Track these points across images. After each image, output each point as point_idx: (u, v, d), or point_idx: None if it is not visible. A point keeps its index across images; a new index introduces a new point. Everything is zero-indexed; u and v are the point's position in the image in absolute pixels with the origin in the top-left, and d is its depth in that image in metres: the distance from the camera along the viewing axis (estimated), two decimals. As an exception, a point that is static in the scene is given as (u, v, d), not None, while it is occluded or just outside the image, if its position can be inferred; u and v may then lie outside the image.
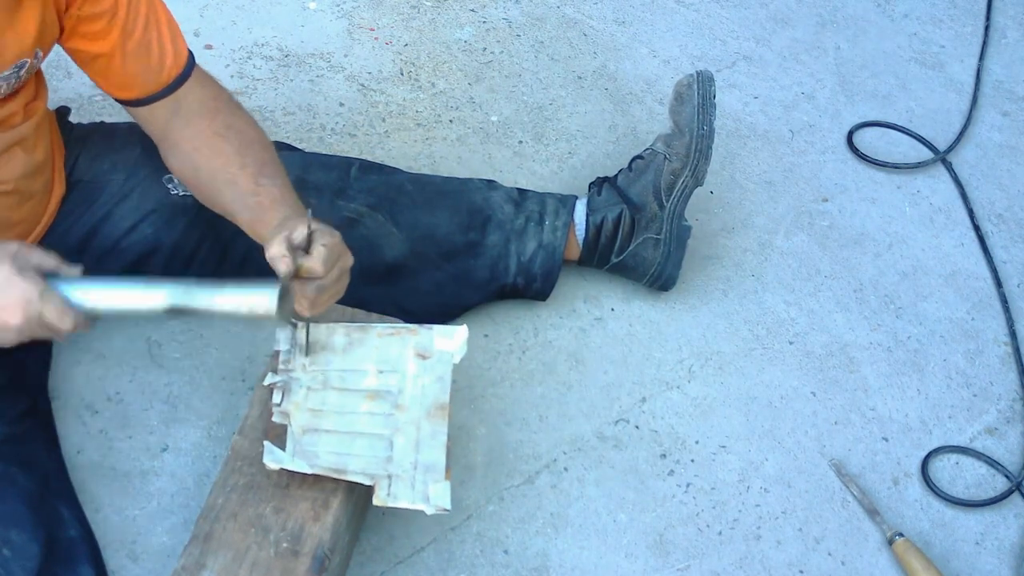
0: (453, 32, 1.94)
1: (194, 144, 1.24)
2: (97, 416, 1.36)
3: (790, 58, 2.01)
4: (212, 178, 1.23)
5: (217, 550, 1.12)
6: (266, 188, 1.20)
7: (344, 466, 1.16)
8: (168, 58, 1.23)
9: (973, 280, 1.70)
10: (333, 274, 1.13)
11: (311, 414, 1.20)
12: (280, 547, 1.13)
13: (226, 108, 1.27)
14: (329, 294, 1.15)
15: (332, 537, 1.15)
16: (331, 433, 1.18)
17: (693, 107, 1.47)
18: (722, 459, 1.44)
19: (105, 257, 1.35)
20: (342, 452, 1.17)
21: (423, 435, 1.19)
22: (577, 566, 1.32)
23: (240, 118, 1.28)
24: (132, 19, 1.19)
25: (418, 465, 1.17)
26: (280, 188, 1.21)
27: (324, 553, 1.13)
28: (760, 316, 1.60)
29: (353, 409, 1.21)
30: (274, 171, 1.23)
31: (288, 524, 1.14)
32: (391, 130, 1.76)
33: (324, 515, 1.15)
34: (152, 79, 1.22)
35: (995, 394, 1.56)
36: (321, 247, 1.11)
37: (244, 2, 1.92)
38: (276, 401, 1.20)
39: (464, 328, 1.27)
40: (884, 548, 1.37)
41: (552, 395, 1.47)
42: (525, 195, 1.52)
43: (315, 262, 1.10)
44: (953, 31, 2.11)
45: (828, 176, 1.82)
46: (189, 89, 1.25)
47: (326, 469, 1.15)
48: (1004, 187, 1.84)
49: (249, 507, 1.15)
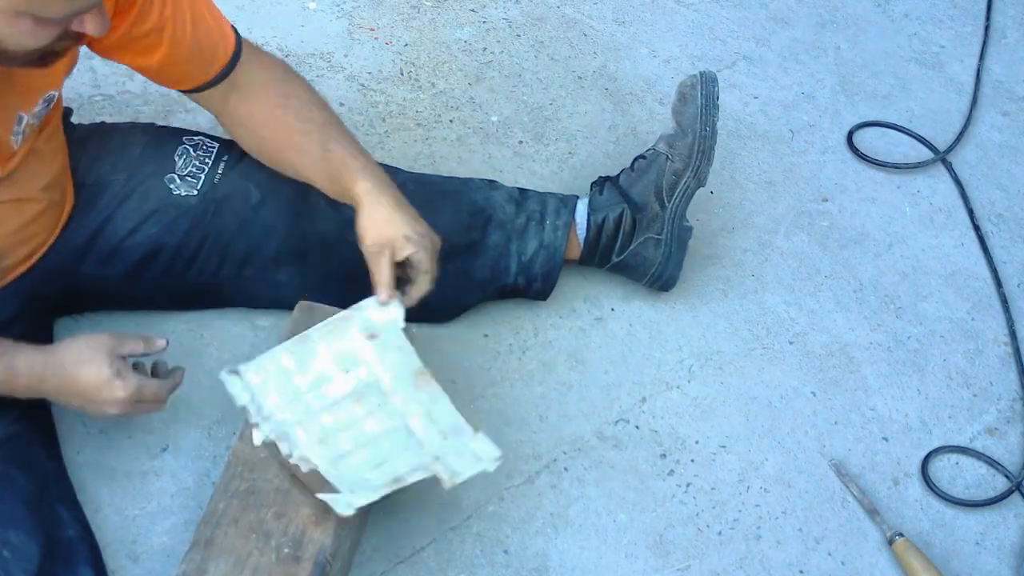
0: (453, 32, 1.94)
1: (256, 119, 1.28)
2: (97, 416, 1.36)
3: (790, 58, 2.01)
4: (280, 149, 1.29)
5: (218, 556, 1.11)
6: (334, 152, 1.27)
7: (395, 473, 1.15)
8: (219, 48, 1.25)
9: (973, 280, 1.70)
10: (431, 268, 1.25)
11: (324, 445, 1.18)
12: (281, 552, 1.12)
13: (281, 77, 1.31)
14: (430, 277, 1.26)
15: (334, 542, 1.14)
16: (354, 451, 1.18)
17: (696, 108, 1.47)
18: (722, 459, 1.44)
19: (109, 258, 1.35)
20: (379, 462, 1.17)
21: (426, 405, 1.20)
22: (577, 566, 1.32)
23: (295, 83, 1.32)
24: (180, 26, 1.20)
25: (447, 434, 1.17)
26: (346, 148, 1.27)
27: (326, 559, 1.12)
28: (760, 316, 1.60)
29: (353, 418, 1.20)
30: (337, 131, 1.29)
31: (290, 529, 1.14)
32: (391, 130, 1.76)
33: (326, 520, 1.15)
34: (204, 71, 1.26)
35: (995, 394, 1.56)
36: (424, 275, 1.25)
37: (244, 2, 1.92)
38: (287, 453, 1.17)
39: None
40: (884, 548, 1.37)
41: (552, 395, 1.47)
42: (526, 195, 1.52)
43: (420, 288, 1.25)
44: (953, 31, 2.11)
45: (828, 176, 1.82)
46: (241, 68, 1.27)
47: (386, 485, 1.14)
48: (1004, 187, 1.84)
49: (250, 512, 1.15)
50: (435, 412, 1.19)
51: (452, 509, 1.34)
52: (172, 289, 1.41)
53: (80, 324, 1.43)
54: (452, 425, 1.18)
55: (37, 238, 1.29)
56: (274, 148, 1.30)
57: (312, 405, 1.20)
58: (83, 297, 1.41)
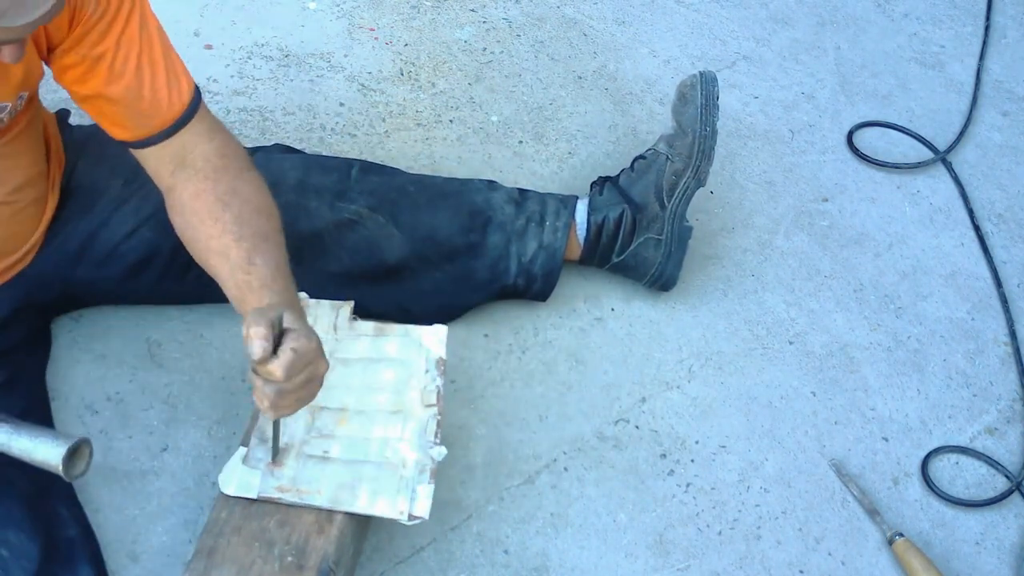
0: (453, 32, 1.94)
1: (194, 205, 1.17)
2: (97, 416, 1.36)
3: (790, 58, 2.01)
4: (207, 245, 1.16)
5: (221, 564, 1.11)
6: (258, 268, 1.12)
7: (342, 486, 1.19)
8: (162, 104, 1.16)
9: (973, 280, 1.70)
10: (297, 380, 1.04)
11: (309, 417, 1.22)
12: (285, 561, 1.11)
13: (234, 168, 1.20)
14: (291, 399, 1.06)
15: (337, 550, 1.14)
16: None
17: (696, 108, 1.47)
18: (722, 459, 1.44)
19: (104, 262, 1.35)
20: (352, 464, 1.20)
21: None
22: (577, 566, 1.32)
23: (247, 182, 1.20)
24: (121, 63, 1.13)
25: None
26: (272, 270, 1.13)
27: (329, 567, 1.12)
28: (760, 316, 1.60)
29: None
30: (271, 248, 1.16)
31: (292, 538, 1.13)
32: (391, 130, 1.76)
33: (329, 528, 1.14)
34: (144, 123, 1.17)
35: (995, 394, 1.56)
36: (289, 351, 1.02)
37: (244, 2, 1.92)
38: None
39: None
40: (884, 548, 1.37)
41: (552, 395, 1.47)
42: (526, 195, 1.52)
43: (276, 366, 1.01)
44: (953, 31, 2.11)
45: (828, 176, 1.82)
46: (194, 141, 1.18)
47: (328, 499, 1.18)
48: (1004, 187, 1.84)
49: (253, 521, 1.14)
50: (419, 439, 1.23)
51: (452, 509, 1.34)
52: (172, 291, 1.41)
53: (80, 324, 1.43)
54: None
55: (16, 239, 1.27)
56: (203, 243, 1.17)
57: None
58: (80, 300, 1.41)
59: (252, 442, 1.19)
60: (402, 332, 1.32)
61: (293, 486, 1.16)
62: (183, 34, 1.81)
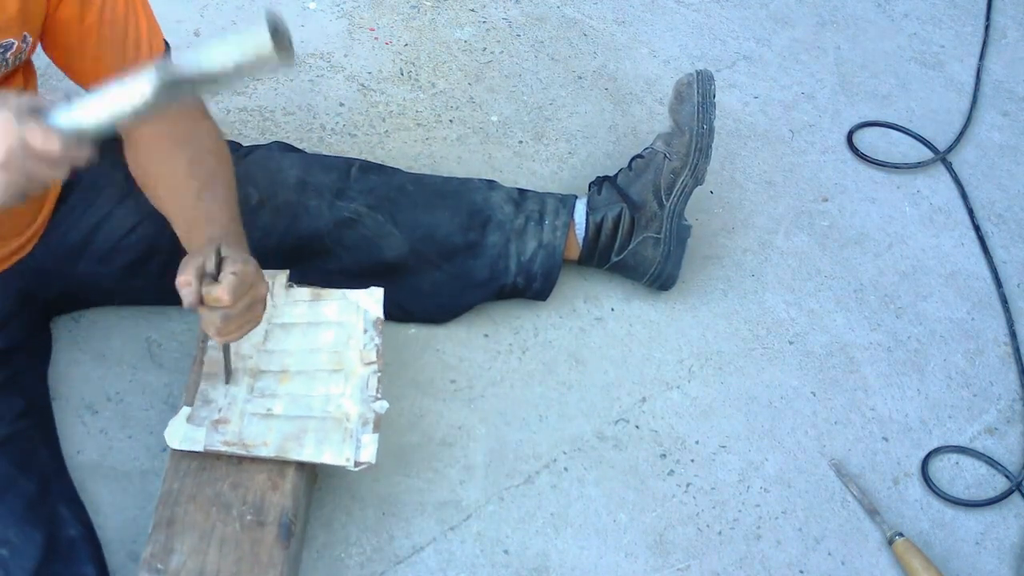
0: (453, 32, 1.94)
1: (151, 146, 1.22)
2: (97, 416, 1.36)
3: (790, 58, 2.01)
4: (157, 183, 1.22)
5: (183, 532, 1.13)
6: (204, 203, 1.18)
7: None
8: (143, 45, 1.19)
9: (973, 280, 1.70)
10: (241, 304, 1.10)
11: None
12: (244, 520, 1.15)
13: (193, 113, 1.25)
14: (237, 323, 1.12)
15: (294, 504, 1.17)
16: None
17: (693, 106, 1.47)
18: (722, 459, 1.44)
19: (106, 257, 1.35)
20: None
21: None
22: (577, 566, 1.32)
23: (203, 126, 1.26)
24: (111, 7, 1.16)
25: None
26: (220, 205, 1.19)
27: (289, 519, 1.15)
28: (760, 316, 1.60)
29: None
30: (219, 185, 1.21)
31: (248, 497, 1.16)
32: (391, 130, 1.76)
33: (282, 483, 1.18)
34: (121, 61, 1.18)
35: (995, 394, 1.56)
36: (231, 275, 1.08)
37: (244, 2, 1.92)
38: None
39: None
40: (884, 548, 1.37)
41: (552, 395, 1.47)
42: (525, 195, 1.52)
43: (221, 291, 1.07)
44: (953, 31, 2.11)
45: (828, 176, 1.82)
46: None
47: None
48: (1004, 187, 1.84)
49: (206, 487, 1.17)
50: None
51: (452, 509, 1.34)
52: (172, 289, 1.40)
53: (80, 324, 1.43)
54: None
55: (16, 220, 1.27)
56: (154, 180, 1.23)
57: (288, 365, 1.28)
58: (81, 296, 1.41)
59: (196, 403, 1.22)
60: (339, 295, 1.34)
61: (239, 439, 1.18)
62: (183, 34, 1.81)
